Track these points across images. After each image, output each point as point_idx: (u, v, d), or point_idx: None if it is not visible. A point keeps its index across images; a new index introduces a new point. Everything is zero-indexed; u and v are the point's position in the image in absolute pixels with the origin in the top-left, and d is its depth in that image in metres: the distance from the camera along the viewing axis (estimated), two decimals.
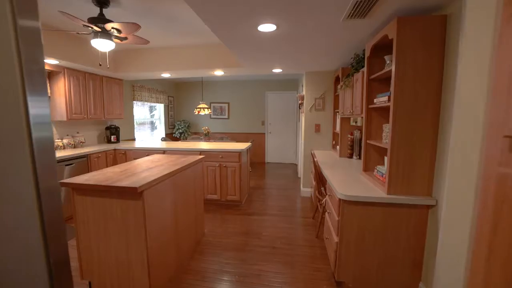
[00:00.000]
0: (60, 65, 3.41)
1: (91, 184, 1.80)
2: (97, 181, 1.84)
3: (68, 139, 3.82)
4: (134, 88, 5.46)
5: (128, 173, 2.11)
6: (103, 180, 1.87)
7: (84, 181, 1.85)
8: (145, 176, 1.98)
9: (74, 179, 1.89)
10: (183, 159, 2.82)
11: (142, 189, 1.76)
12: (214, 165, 3.84)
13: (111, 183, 1.80)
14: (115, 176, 2.00)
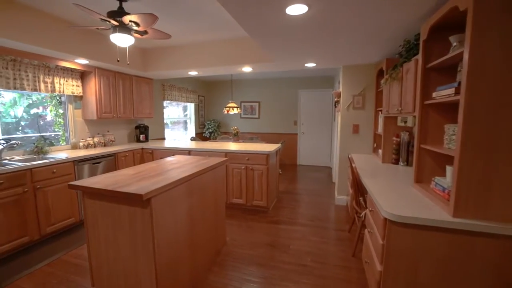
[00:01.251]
0: (91, 65, 3.46)
1: (97, 188, 1.65)
2: (105, 185, 1.68)
3: (98, 137, 3.88)
4: (164, 88, 5.48)
5: (140, 176, 1.94)
6: (110, 184, 1.71)
7: (91, 184, 1.71)
8: (157, 181, 1.79)
9: (82, 182, 1.77)
10: (204, 161, 2.61)
11: (149, 196, 1.56)
12: (240, 167, 3.60)
13: (117, 187, 1.63)
14: (125, 179, 1.84)
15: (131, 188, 1.62)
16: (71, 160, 2.98)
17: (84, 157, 3.14)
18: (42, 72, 3.10)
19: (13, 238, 2.47)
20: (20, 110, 4.29)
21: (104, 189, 1.62)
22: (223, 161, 2.67)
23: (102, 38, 3.32)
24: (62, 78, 3.33)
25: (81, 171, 3.12)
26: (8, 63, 2.79)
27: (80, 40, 3.05)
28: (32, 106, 4.02)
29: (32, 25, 2.58)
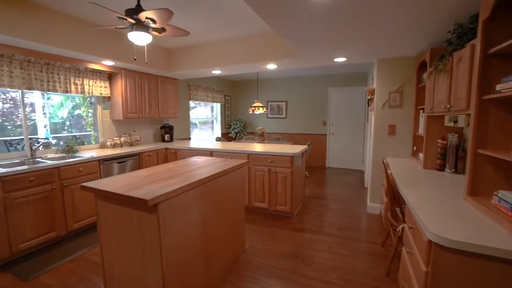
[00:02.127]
0: (117, 66, 3.53)
1: (106, 191, 1.58)
2: (114, 188, 1.61)
3: (125, 137, 3.98)
4: (190, 88, 5.50)
5: (153, 178, 1.85)
6: (121, 187, 1.64)
7: (101, 186, 1.65)
8: (169, 184, 1.68)
9: (94, 183, 1.72)
10: (223, 162, 2.48)
11: (155, 201, 1.44)
12: (263, 170, 3.42)
13: (125, 191, 1.54)
14: (137, 182, 1.76)
15: (139, 192, 1.53)
16: (96, 159, 3.05)
17: (108, 156, 3.20)
18: (72, 75, 3.22)
19: (41, 233, 2.56)
20: (65, 112, 4.58)
21: (113, 192, 1.55)
22: (243, 164, 2.51)
23: (127, 39, 3.36)
24: (91, 79, 3.44)
25: (106, 170, 3.18)
26: (43, 66, 2.92)
27: (106, 42, 3.11)
28: (76, 107, 4.27)
29: (59, 28, 2.66)
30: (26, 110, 2.96)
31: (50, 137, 4.01)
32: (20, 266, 2.35)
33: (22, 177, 2.39)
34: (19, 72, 2.73)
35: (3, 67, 2.61)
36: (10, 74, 2.67)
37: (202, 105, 6.61)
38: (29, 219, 2.45)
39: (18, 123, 3.97)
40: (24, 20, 2.41)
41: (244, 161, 2.56)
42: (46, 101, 4.62)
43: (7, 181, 2.30)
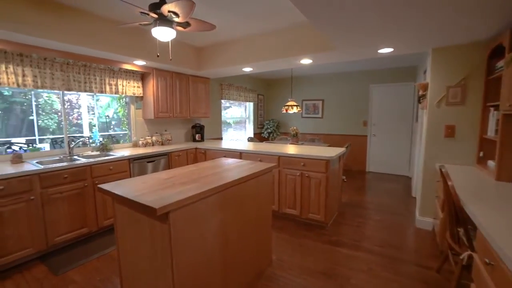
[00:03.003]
0: (149, 65, 3.56)
1: (119, 195, 1.48)
2: (128, 191, 1.50)
3: (156, 136, 4.02)
4: (222, 87, 5.43)
5: (170, 182, 1.71)
6: (135, 190, 1.52)
7: (114, 188, 1.56)
8: (185, 190, 1.52)
9: (110, 185, 1.64)
10: (250, 165, 2.28)
11: (165, 210, 1.29)
12: (294, 173, 3.14)
13: (137, 196, 1.42)
14: (153, 185, 1.64)
15: (151, 198, 1.39)
16: (126, 158, 3.08)
17: (138, 155, 3.22)
18: (107, 75, 3.31)
19: (74, 228, 2.64)
20: (111, 112, 4.87)
21: (124, 196, 1.44)
22: (270, 168, 2.28)
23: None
24: (124, 80, 3.52)
25: (136, 169, 3.20)
26: (80, 68, 3.04)
27: (137, 42, 3.12)
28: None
29: (93, 30, 2.71)
30: (78, 110, 3.10)
31: (97, 135, 4.27)
32: (54, 259, 2.43)
33: (57, 174, 2.48)
34: (59, 74, 2.86)
35: (46, 70, 2.76)
36: (52, 76, 2.81)
37: (236, 104, 6.53)
38: (63, 214, 2.53)
39: (74, 122, 4.27)
40: (63, 24, 2.49)
41: (272, 165, 2.32)
42: (96, 102, 4.97)
43: (44, 177, 2.40)
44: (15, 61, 2.55)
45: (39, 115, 7.10)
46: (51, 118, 6.69)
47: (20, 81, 2.59)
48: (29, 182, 2.31)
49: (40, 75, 2.72)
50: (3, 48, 2.41)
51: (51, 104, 6.61)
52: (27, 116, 6.96)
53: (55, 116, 5.54)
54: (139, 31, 3.11)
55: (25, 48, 2.51)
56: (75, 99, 4.37)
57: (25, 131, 6.66)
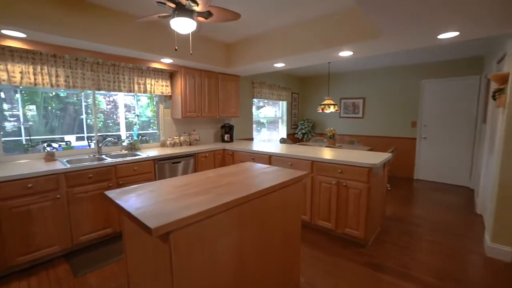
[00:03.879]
0: (176, 63, 3.46)
1: (121, 206, 1.30)
2: (128, 203, 1.32)
3: (184, 136, 3.93)
4: (253, 85, 5.19)
5: (182, 192, 1.50)
6: (141, 201, 1.34)
7: (119, 197, 1.39)
8: (195, 203, 1.30)
9: (115, 193, 1.48)
10: (278, 173, 1.98)
11: (162, 231, 1.06)
12: (330, 182, 2.75)
13: (139, 208, 1.23)
14: (162, 195, 1.44)
15: (152, 212, 1.18)
16: (151, 159, 3.00)
17: (162, 156, 3.13)
18: (136, 74, 3.29)
19: (99, 228, 2.62)
20: (149, 111, 5.01)
21: (125, 209, 1.25)
22: (301, 177, 1.95)
23: (183, 36, 3.23)
24: (153, 79, 3.47)
25: (161, 170, 3.11)
26: (109, 67, 3.05)
27: (163, 40, 3.02)
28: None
29: (121, 29, 2.66)
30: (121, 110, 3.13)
31: (136, 134, 4.41)
32: (77, 258, 2.42)
33: (82, 174, 2.46)
34: (90, 74, 2.89)
35: (77, 70, 2.79)
36: (83, 76, 2.84)
37: (270, 104, 6.26)
38: (88, 214, 2.52)
39: (117, 121, 4.43)
40: (92, 23, 2.46)
41: (303, 173, 1.99)
42: (136, 102, 5.19)
43: (70, 176, 2.39)
44: (49, 62, 2.61)
45: (88, 114, 7.63)
46: (97, 117, 7.06)
47: (54, 81, 2.64)
48: (55, 181, 2.31)
49: (72, 75, 2.76)
50: (39, 50, 2.46)
51: (97, 104, 7.02)
52: (79, 115, 7.54)
53: (101, 115, 5.88)
54: (164, 28, 3.01)
55: (58, 49, 2.55)
56: (118, 99, 4.55)
57: (76, 129, 7.23)
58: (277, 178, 1.82)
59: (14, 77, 2.42)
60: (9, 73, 2.39)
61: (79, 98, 6.82)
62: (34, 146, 3.01)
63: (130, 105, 4.40)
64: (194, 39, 3.32)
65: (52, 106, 7.20)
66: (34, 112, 4.67)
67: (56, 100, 7.35)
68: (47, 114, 6.82)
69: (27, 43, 2.37)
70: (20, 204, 2.15)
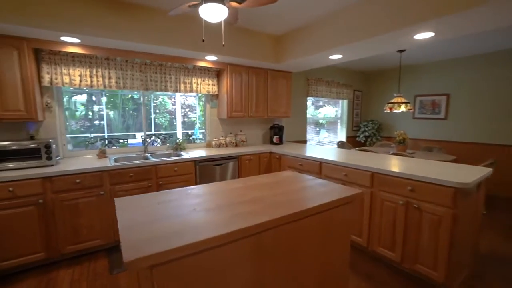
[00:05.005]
0: (221, 61, 3.29)
1: (118, 219, 1.11)
2: (127, 216, 1.13)
3: (230, 137, 3.76)
4: (308, 82, 4.72)
5: (193, 206, 1.25)
6: (141, 214, 1.14)
7: (122, 205, 1.21)
8: (198, 227, 1.02)
9: (124, 201, 1.32)
10: (324, 188, 1.58)
11: (143, 264, 0.81)
12: (396, 201, 2.15)
13: (129, 227, 1.02)
14: (168, 208, 1.21)
15: (141, 233, 0.95)
16: (191, 160, 2.90)
17: (204, 157, 3.00)
18: (182, 74, 3.26)
19: None
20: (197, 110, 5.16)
21: (119, 225, 1.06)
22: (352, 197, 1.49)
23: (231, 31, 3.04)
24: (199, 78, 3.40)
25: (203, 172, 2.99)
26: (157, 68, 3.08)
27: (207, 37, 2.88)
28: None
29: (164, 27, 2.61)
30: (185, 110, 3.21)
31: (198, 133, 4.56)
32: (117, 255, 2.46)
33: (123, 172, 2.50)
34: (138, 75, 2.96)
35: (127, 71, 2.89)
36: (132, 77, 2.92)
37: (331, 103, 5.67)
38: None
39: (174, 122, 4.63)
40: (139, 24, 2.48)
41: (355, 192, 1.52)
42: (198, 102, 5.50)
43: (113, 174, 2.45)
44: (103, 65, 2.75)
45: (156, 113, 8.31)
46: (163, 117, 7.63)
47: (107, 82, 2.78)
48: (99, 178, 2.39)
49: (122, 76, 2.87)
50: (94, 53, 2.60)
51: (164, 105, 7.58)
52: (149, 115, 8.27)
53: (167, 115, 6.28)
54: (207, 24, 2.86)
55: (111, 52, 2.66)
56: (183, 99, 4.77)
57: (146, 127, 7.97)
58: (319, 196, 1.42)
59: (74, 80, 2.61)
60: (71, 77, 2.60)
61: (148, 99, 7.37)
62: (93, 143, 3.25)
63: (192, 105, 4.50)
64: (239, 33, 3.10)
65: (129, 107, 8.10)
66: (111, 112, 5.18)
67: (131, 102, 8.19)
68: (124, 114, 7.67)
69: (84, 48, 2.52)
70: (70, 197, 2.28)
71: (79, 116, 6.95)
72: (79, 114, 6.99)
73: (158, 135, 4.38)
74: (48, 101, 2.60)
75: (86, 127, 6.31)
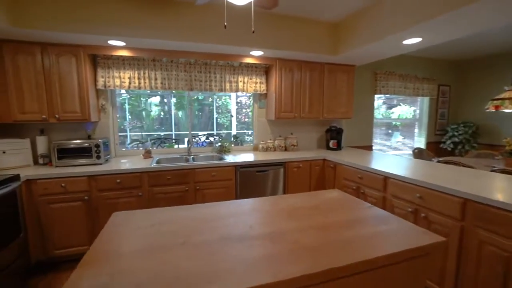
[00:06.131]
0: (268, 56, 2.95)
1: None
2: (106, 246, 0.91)
3: (279, 140, 3.39)
4: (377, 77, 3.96)
5: (187, 234, 0.96)
6: (126, 243, 0.91)
7: (115, 225, 1.00)
8: (209, 270, 0.73)
9: (122, 216, 1.12)
10: (386, 226, 1.12)
11: None
12: (503, 245, 1.44)
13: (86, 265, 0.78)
14: (169, 232, 0.96)
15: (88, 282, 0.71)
16: (232, 165, 2.67)
17: (246, 162, 2.73)
18: (227, 72, 3.06)
19: None
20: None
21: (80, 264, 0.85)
22: (433, 246, 0.96)
23: (278, 20, 2.68)
24: (246, 76, 3.14)
25: (244, 178, 2.73)
26: (201, 67, 2.96)
27: (248, 28, 2.59)
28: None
29: (206, 24, 2.44)
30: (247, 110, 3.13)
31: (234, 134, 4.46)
32: None
33: (161, 174, 2.44)
34: (183, 75, 2.90)
35: (172, 72, 2.85)
36: (177, 77, 2.87)
37: (407, 101, 4.71)
38: None
39: (243, 120, 4.62)
40: (180, 22, 2.38)
41: (437, 241, 0.98)
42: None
43: (152, 176, 2.42)
44: (149, 67, 2.77)
45: (218, 114, 8.58)
46: (225, 117, 7.80)
47: (153, 84, 2.79)
48: (139, 179, 2.38)
49: (167, 77, 2.84)
50: (141, 55, 2.64)
51: (226, 105, 7.75)
52: (212, 115, 8.61)
53: (229, 115, 6.39)
54: (245, 14, 2.57)
55: (157, 53, 2.65)
56: (244, 100, 4.75)
57: (209, 127, 8.33)
58: (374, 241, 0.95)
59: (124, 82, 2.70)
60: (121, 79, 2.69)
61: (211, 100, 7.61)
62: (143, 142, 3.36)
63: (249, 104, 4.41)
64: (287, 22, 2.71)
65: (194, 107, 8.56)
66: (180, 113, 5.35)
67: (196, 102, 8.63)
68: (191, 114, 8.08)
69: (132, 50, 2.56)
70: (112, 196, 2.33)
71: (153, 116, 7.61)
72: (153, 114, 7.65)
73: (216, 135, 4.34)
74: (103, 103, 2.76)
75: (157, 127, 6.76)
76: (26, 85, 2.28)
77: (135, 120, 3.93)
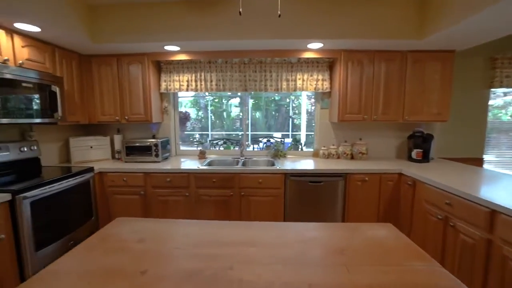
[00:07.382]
0: (330, 48, 2.51)
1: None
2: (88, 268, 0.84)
3: (344, 146, 2.87)
4: (494, 63, 2.87)
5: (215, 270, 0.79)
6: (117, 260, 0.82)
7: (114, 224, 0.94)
8: None
9: (123, 220, 1.05)
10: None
11: None
12: None
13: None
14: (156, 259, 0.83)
15: None
16: (280, 172, 2.40)
17: (295, 171, 2.40)
18: (284, 70, 2.79)
19: None
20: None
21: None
22: None
23: (336, 7, 2.24)
24: (305, 73, 2.79)
25: (294, 188, 2.42)
26: (256, 66, 2.80)
27: (305, 18, 2.24)
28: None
29: (246, 19, 2.26)
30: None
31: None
32: None
33: (207, 177, 2.42)
34: (237, 75, 2.81)
35: (226, 73, 2.81)
36: (231, 77, 2.81)
37: None
38: (209, 217, 2.45)
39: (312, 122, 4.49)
40: (227, 21, 2.29)
41: None
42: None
43: (198, 177, 2.43)
44: (205, 69, 2.81)
45: (295, 114, 8.46)
46: (300, 118, 7.60)
47: (208, 86, 2.82)
48: (186, 179, 2.43)
49: (222, 78, 2.81)
50: (197, 58, 2.70)
51: (300, 105, 7.49)
52: (288, 115, 8.56)
53: (307, 116, 6.18)
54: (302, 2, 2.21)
55: (212, 55, 2.65)
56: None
57: (286, 127, 8.30)
58: None
59: (182, 85, 2.83)
60: (180, 83, 2.83)
61: (287, 101, 7.56)
62: (203, 143, 3.47)
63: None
64: (353, 0, 2.22)
65: (271, 108, 8.66)
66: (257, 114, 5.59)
67: (273, 103, 8.71)
68: (267, 114, 8.23)
69: (188, 54, 2.64)
70: (163, 194, 2.47)
71: (233, 117, 8.05)
72: (233, 115, 8.12)
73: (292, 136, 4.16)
74: (166, 105, 2.98)
75: (236, 127, 7.10)
76: (106, 91, 2.67)
77: (196, 121, 4.13)
